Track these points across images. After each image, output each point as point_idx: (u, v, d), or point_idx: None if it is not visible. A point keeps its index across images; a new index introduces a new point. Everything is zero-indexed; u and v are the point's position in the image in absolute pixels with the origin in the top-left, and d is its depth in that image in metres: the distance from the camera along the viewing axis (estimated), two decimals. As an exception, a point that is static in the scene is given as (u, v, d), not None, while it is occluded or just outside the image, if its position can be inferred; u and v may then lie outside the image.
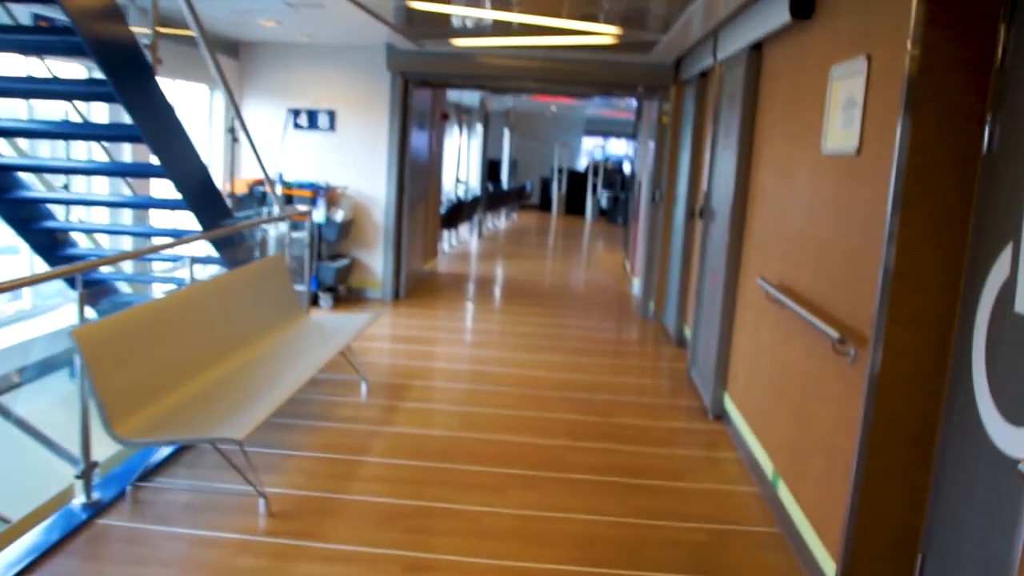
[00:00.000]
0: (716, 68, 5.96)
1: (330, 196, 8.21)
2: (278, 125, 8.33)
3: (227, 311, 4.87)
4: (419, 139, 8.99)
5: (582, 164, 23.84)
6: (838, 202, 3.43)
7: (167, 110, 4.36)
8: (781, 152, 4.41)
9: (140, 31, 6.69)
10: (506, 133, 20.98)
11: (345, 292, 8.56)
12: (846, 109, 3.41)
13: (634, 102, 14.25)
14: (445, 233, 12.97)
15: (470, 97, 15.96)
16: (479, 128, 15.24)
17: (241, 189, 8.06)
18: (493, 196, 16.52)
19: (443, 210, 12.36)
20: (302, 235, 7.93)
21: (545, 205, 22.59)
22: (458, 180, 18.92)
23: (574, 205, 21.54)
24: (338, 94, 8.39)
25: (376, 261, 8.54)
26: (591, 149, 23.86)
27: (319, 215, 7.95)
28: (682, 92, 7.86)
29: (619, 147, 24.53)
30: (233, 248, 5.53)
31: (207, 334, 4.55)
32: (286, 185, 8.01)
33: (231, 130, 5.46)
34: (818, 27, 3.93)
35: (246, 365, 4.67)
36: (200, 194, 4.86)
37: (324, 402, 5.33)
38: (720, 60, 5.83)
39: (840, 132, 3.47)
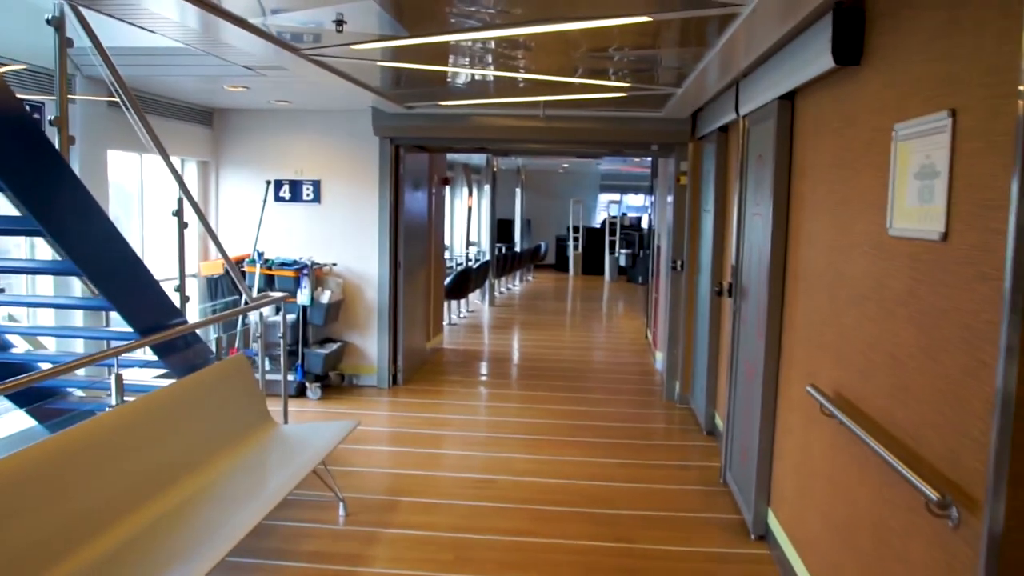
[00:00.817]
0: (740, 123, 5.18)
1: (316, 275, 7.46)
2: (258, 198, 7.63)
3: (172, 430, 4.06)
4: (415, 205, 8.27)
5: (598, 220, 23.14)
6: (918, 301, 2.58)
7: (75, 195, 3.62)
8: (828, 225, 3.58)
9: (94, 98, 6.06)
10: (518, 192, 20.34)
11: (337, 380, 7.75)
12: (921, 179, 2.59)
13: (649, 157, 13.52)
14: (454, 303, 12.19)
15: (477, 156, 15.33)
16: (487, 189, 14.58)
17: (213, 271, 7.33)
18: (506, 259, 15.78)
19: (448, 279, 11.61)
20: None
21: (561, 265, 21.83)
22: (469, 243, 18.23)
23: (591, 264, 20.76)
24: (322, 162, 7.70)
25: (370, 344, 7.75)
26: (607, 205, 23.17)
27: (303, 297, 7.19)
28: (700, 149, 7.09)
29: (636, 200, 23.82)
30: (180, 353, 4.75)
31: (144, 463, 3.74)
32: (266, 265, 7.27)
33: (176, 213, 4.71)
34: (870, 74, 3.13)
35: (193, 498, 3.85)
36: (130, 292, 4.10)
37: (290, 531, 4.48)
38: (744, 114, 5.05)
39: (914, 209, 2.64)
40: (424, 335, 8.89)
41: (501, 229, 21.57)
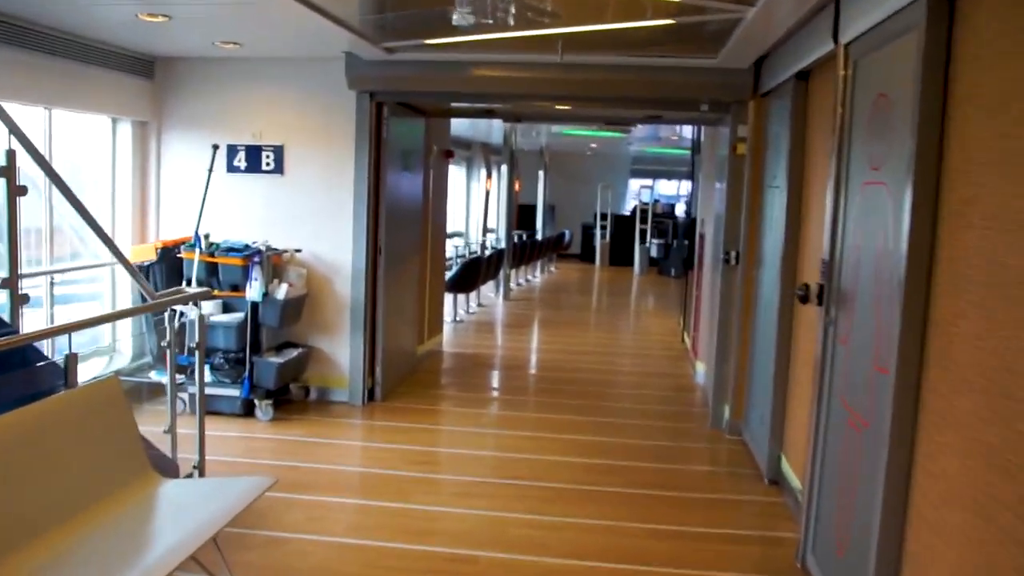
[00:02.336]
0: (840, 56, 3.55)
1: (274, 263, 5.94)
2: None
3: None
4: (406, 181, 6.72)
5: (628, 208, 21.49)
6: None
7: None
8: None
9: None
10: (540, 176, 18.74)
11: (300, 394, 6.23)
12: None
13: (689, 132, 11.89)
14: (460, 298, 10.64)
15: (495, 132, 13.75)
16: (505, 169, 13.02)
17: (144, 257, 5.83)
18: (524, 247, 14.20)
19: (453, 270, 10.05)
20: (227, 319, 5.68)
21: (587, 255, 20.22)
22: (487, 229, 16.69)
23: (620, 255, 19.12)
24: (286, 123, 6.17)
25: (341, 350, 6.22)
26: (638, 191, 21.50)
27: (254, 291, 5.67)
28: (765, 108, 5.46)
29: (669, 188, 22.13)
30: (5, 376, 3.24)
31: None
32: (208, 250, 5.76)
33: (4, 171, 3.18)
34: None
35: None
36: None
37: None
38: (851, 39, 3.43)
39: None
40: (415, 337, 7.34)
41: (522, 215, 20.00)
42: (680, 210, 20.68)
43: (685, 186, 23.03)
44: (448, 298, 10.03)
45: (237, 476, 4.12)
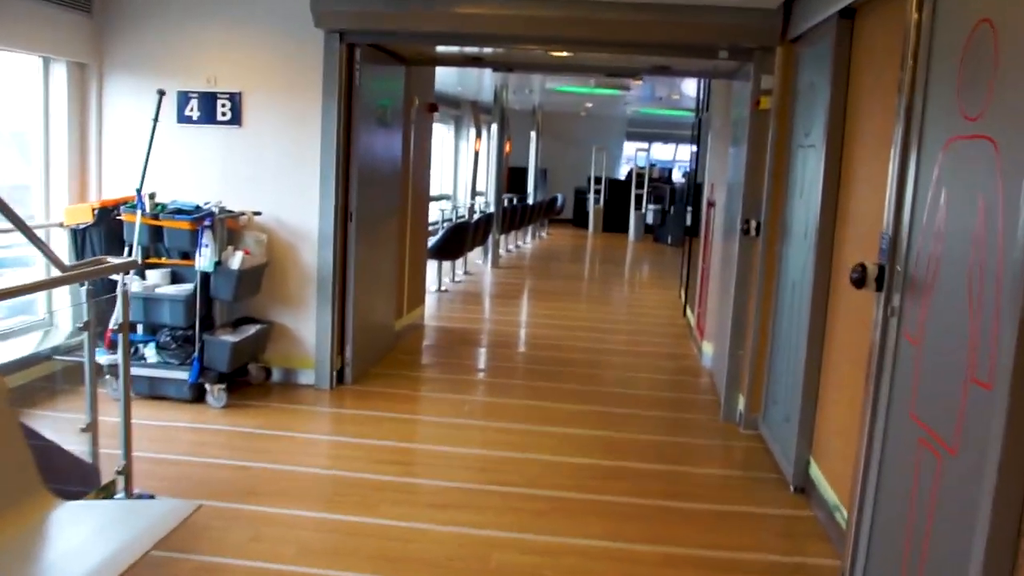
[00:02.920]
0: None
1: (229, 227, 5.20)
2: (160, 116, 5.33)
3: None
4: (383, 138, 5.97)
5: (622, 172, 20.72)
6: None
7: None
8: None
9: None
10: (532, 137, 17.92)
11: (260, 376, 5.52)
12: None
13: (692, 90, 11.12)
14: (446, 266, 9.92)
15: (487, 90, 12.94)
16: (495, 129, 12.23)
17: (80, 219, 5.08)
18: (516, 212, 13.45)
19: (438, 236, 9.32)
20: (173, 291, 4.97)
21: (580, 220, 19.49)
22: (475, 192, 15.94)
23: (614, 220, 18.41)
24: (244, 67, 5.40)
25: (306, 326, 5.51)
26: (633, 155, 20.71)
27: (204, 260, 4.94)
28: (795, 56, 4.73)
29: (666, 152, 21.36)
30: None
31: None
32: (152, 212, 5.01)
33: None
34: None
35: None
36: None
37: None
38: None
39: None
40: (392, 311, 6.64)
41: (513, 178, 19.22)
42: (677, 175, 19.94)
43: (683, 150, 22.25)
44: (432, 266, 9.32)
45: (151, 500, 3.41)
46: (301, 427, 4.79)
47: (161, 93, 5.08)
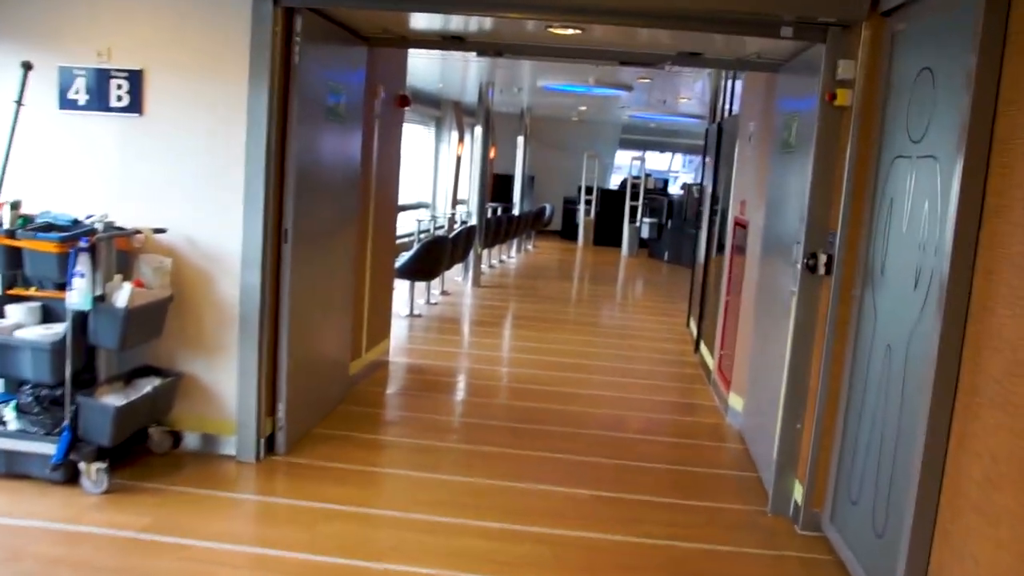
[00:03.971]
0: None
1: (121, 250, 3.89)
2: (37, 100, 4.01)
3: None
4: (335, 138, 4.69)
5: (614, 182, 19.53)
6: None
7: None
8: None
9: None
10: (520, 142, 16.68)
11: (166, 444, 4.20)
12: None
13: (700, 90, 9.95)
14: (420, 287, 8.64)
15: (471, 88, 11.69)
16: (479, 132, 10.96)
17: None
18: (501, 224, 12.18)
19: (410, 253, 8.04)
20: (36, 335, 3.66)
21: (569, 232, 18.26)
22: (456, 201, 14.69)
23: (606, 233, 17.19)
24: (148, 39, 4.09)
25: (226, 378, 4.20)
26: (629, 165, 19.52)
27: (78, 294, 3.62)
28: (889, 34, 3.48)
29: (661, 161, 20.19)
30: None
31: None
32: (9, 227, 3.70)
33: None
34: None
35: None
36: None
37: None
38: None
39: None
40: (346, 349, 5.34)
41: (498, 186, 17.98)
42: (674, 188, 18.79)
43: (680, 161, 21.10)
44: (403, 287, 8.04)
45: None
46: (205, 530, 3.47)
47: (27, 67, 3.78)
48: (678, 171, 21.46)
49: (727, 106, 7.65)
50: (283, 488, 3.98)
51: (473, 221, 10.89)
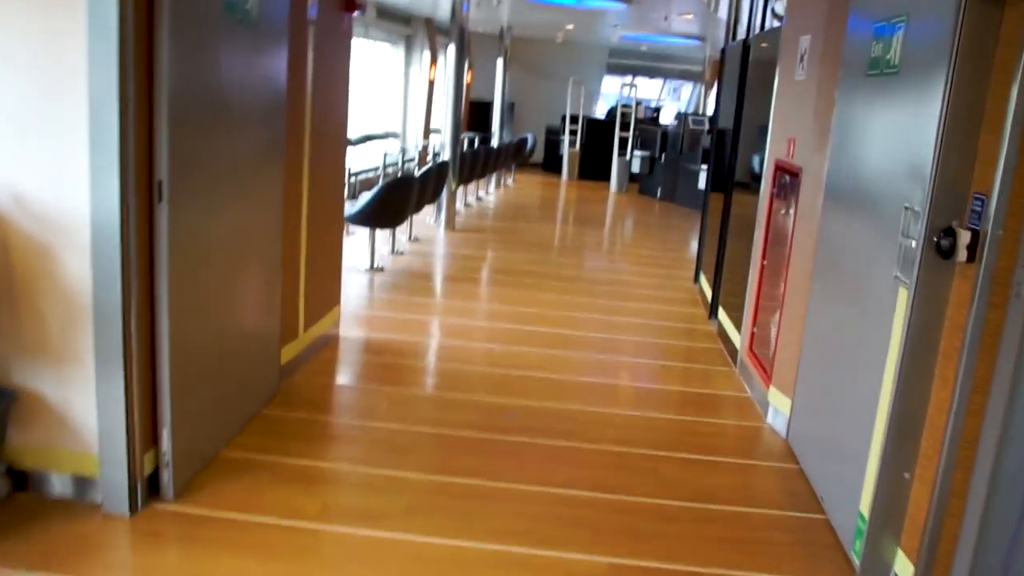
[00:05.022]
0: None
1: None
2: None
3: None
4: (240, 51, 3.33)
5: (599, 111, 18.10)
6: None
7: None
8: None
9: None
10: (499, 66, 15.15)
11: (2, 491, 2.96)
12: None
13: (714, 2, 8.60)
14: (382, 235, 7.34)
15: (444, 4, 10.19)
16: (452, 52, 9.49)
17: None
18: (477, 157, 10.79)
19: (368, 197, 6.72)
20: None
21: (551, 165, 16.90)
22: (429, 130, 13.28)
23: (592, 166, 15.86)
24: None
25: (81, 396, 2.92)
26: (614, 92, 18.08)
27: None
28: None
29: (651, 89, 18.75)
30: None
31: None
32: None
33: None
34: None
35: None
36: None
37: None
38: None
39: None
40: (273, 332, 4.06)
41: (476, 115, 16.50)
42: (667, 118, 17.39)
43: (662, 88, 19.62)
44: (363, 235, 6.76)
45: None
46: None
47: None
48: (662, 100, 20.07)
49: (757, 20, 6.28)
50: (166, 562, 2.75)
51: (446, 155, 9.51)
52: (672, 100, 22.08)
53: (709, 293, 6.46)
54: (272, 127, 3.73)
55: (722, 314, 5.83)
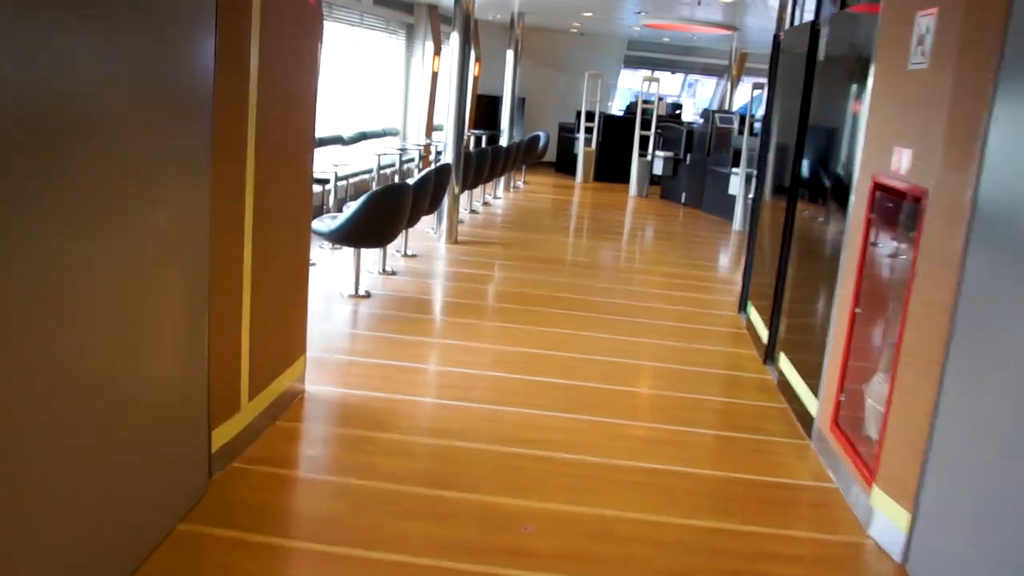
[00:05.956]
0: None
1: None
2: None
3: None
4: (130, 49, 2.21)
5: (616, 106, 16.97)
6: None
7: None
8: None
9: None
10: (509, 58, 14.02)
11: None
12: None
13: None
14: (369, 255, 6.24)
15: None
16: (456, 39, 8.36)
17: None
18: (484, 159, 9.65)
19: (349, 212, 5.61)
20: None
21: (564, 165, 15.77)
22: (432, 128, 12.17)
23: (609, 167, 14.73)
24: None
25: None
26: (631, 87, 16.96)
27: None
28: None
29: (671, 85, 17.60)
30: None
31: None
32: None
33: None
34: None
35: None
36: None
37: None
38: None
39: None
40: (199, 407, 2.95)
41: (484, 110, 15.38)
42: (690, 114, 16.24)
43: (697, 85, 18.50)
44: (346, 255, 5.69)
45: None
46: None
47: None
48: (677, 95, 18.95)
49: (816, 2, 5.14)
50: None
51: (448, 156, 8.39)
52: (688, 96, 20.91)
53: (763, 331, 5.33)
54: (184, 134, 2.62)
55: (784, 361, 4.69)
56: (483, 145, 13.73)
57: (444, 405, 4.18)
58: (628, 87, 18.53)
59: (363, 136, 10.70)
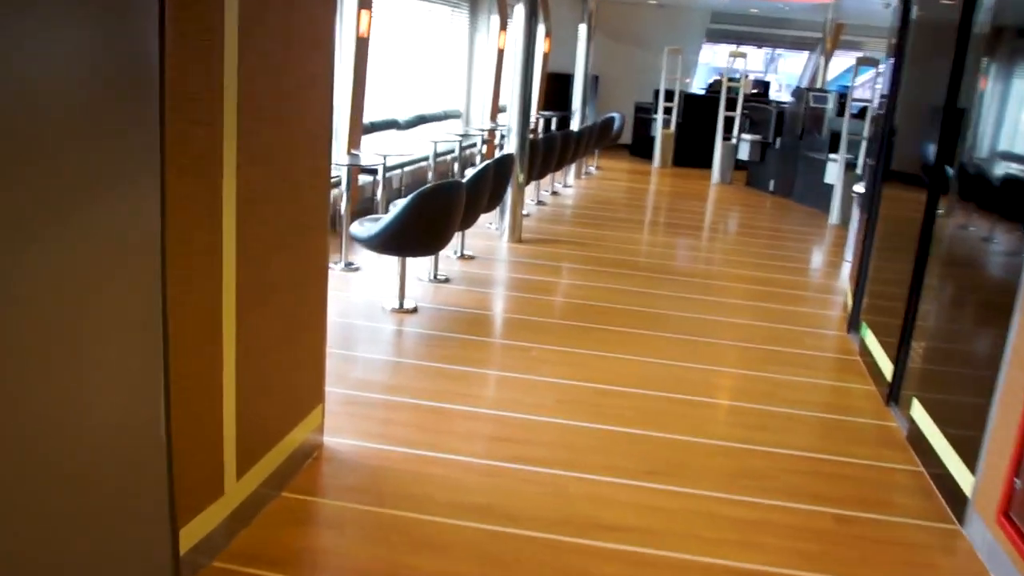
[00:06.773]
0: None
1: None
2: None
3: None
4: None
5: (696, 84, 15.84)
6: None
7: None
8: None
9: None
10: (582, 31, 13.04)
11: None
12: None
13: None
14: (415, 262, 5.47)
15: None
16: (520, 11, 7.48)
17: None
18: (552, 146, 8.77)
19: (387, 218, 4.82)
20: None
21: (640, 149, 14.74)
22: (497, 110, 11.36)
23: (689, 151, 13.67)
24: None
25: None
26: (713, 64, 15.81)
27: None
28: None
29: (755, 61, 16.36)
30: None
31: None
32: None
33: None
34: None
35: None
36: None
37: None
38: None
39: None
40: (157, 513, 2.21)
41: (554, 90, 14.45)
42: (776, 90, 15.01)
43: (779, 61, 17.23)
44: (391, 263, 4.94)
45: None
46: None
47: None
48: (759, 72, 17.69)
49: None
50: None
51: (511, 145, 7.55)
52: (771, 73, 19.58)
53: (884, 362, 4.37)
54: (117, 144, 1.85)
55: (917, 408, 3.73)
56: (553, 127, 12.83)
57: (495, 469, 3.36)
58: (707, 63, 17.37)
59: (421, 120, 9.91)
